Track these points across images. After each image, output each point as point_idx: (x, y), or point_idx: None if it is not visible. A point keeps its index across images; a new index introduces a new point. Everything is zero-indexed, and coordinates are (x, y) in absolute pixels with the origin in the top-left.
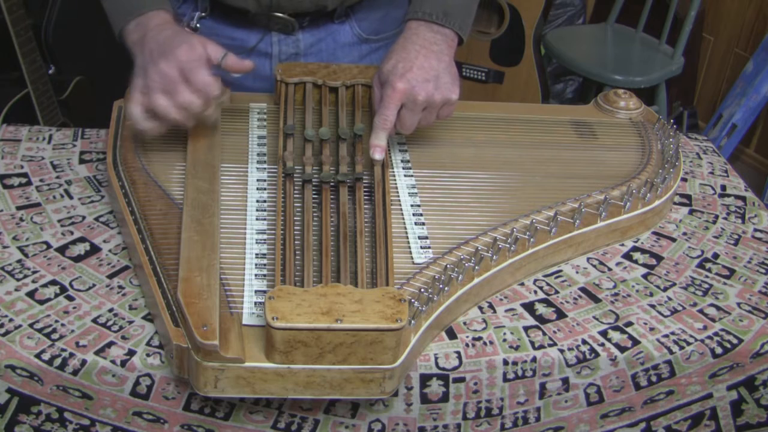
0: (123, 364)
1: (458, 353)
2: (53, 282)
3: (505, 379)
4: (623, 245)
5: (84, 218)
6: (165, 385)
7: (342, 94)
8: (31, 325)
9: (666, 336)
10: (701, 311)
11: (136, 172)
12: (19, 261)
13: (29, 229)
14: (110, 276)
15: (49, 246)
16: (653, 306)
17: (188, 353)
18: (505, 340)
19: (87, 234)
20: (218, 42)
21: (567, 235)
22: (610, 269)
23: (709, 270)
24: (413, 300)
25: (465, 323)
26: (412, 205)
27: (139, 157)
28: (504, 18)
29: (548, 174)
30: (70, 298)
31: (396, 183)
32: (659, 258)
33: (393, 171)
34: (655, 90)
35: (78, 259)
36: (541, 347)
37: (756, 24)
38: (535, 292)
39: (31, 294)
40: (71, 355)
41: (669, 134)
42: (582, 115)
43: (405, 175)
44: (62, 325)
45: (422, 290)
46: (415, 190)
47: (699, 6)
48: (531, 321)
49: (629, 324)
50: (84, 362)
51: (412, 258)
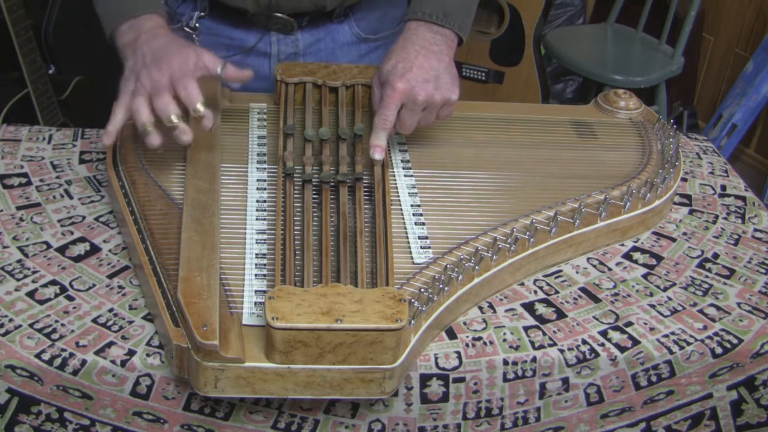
0: (123, 364)
1: (458, 353)
2: (53, 282)
3: (505, 379)
4: (623, 245)
5: (84, 218)
6: (165, 385)
7: (342, 94)
8: (31, 325)
9: (666, 336)
10: (701, 311)
11: (136, 172)
12: (19, 261)
13: (29, 229)
14: (110, 276)
15: (49, 246)
16: (653, 306)
17: (188, 353)
18: (505, 340)
19: (87, 234)
20: (217, 42)
21: (567, 235)
22: (610, 269)
23: (709, 270)
24: (413, 300)
25: (465, 323)
26: (412, 205)
27: (139, 157)
28: (504, 18)
29: (548, 174)
30: (70, 298)
31: (396, 183)
32: (659, 258)
33: (393, 171)
34: (655, 90)
35: (78, 259)
36: (541, 347)
37: (756, 24)
38: (535, 292)
39: (31, 294)
40: (71, 355)
41: (669, 134)
42: (582, 115)
43: (405, 175)
44: (62, 325)
45: (422, 290)
46: (415, 190)
47: (699, 6)
48: (531, 321)
49: (629, 324)
50: (84, 362)
51: (412, 258)
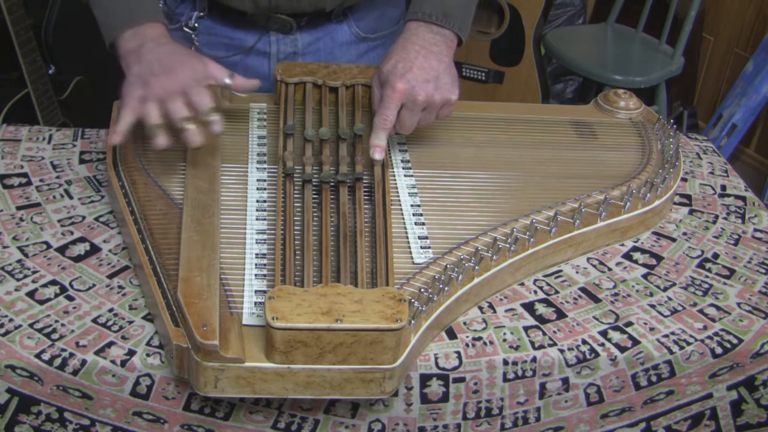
0: (123, 364)
1: (458, 353)
2: (53, 282)
3: (505, 379)
4: (623, 245)
5: (84, 218)
6: (165, 385)
7: (342, 94)
8: (31, 325)
9: (666, 336)
10: (701, 311)
11: (136, 172)
12: (19, 261)
13: (29, 229)
14: (110, 276)
15: (49, 246)
16: (653, 306)
17: (188, 353)
18: (505, 340)
19: (87, 234)
20: (216, 41)
21: (567, 235)
22: (610, 269)
23: (709, 270)
24: (413, 300)
25: (465, 323)
26: (412, 205)
27: (139, 157)
28: (504, 18)
29: (548, 174)
30: (70, 298)
31: (396, 183)
32: (659, 258)
33: (393, 171)
34: (655, 90)
35: (78, 259)
36: (541, 347)
37: (756, 24)
38: (535, 292)
39: (31, 294)
40: (71, 355)
41: (669, 134)
42: (582, 115)
43: (405, 175)
44: (62, 325)
45: (422, 290)
46: (415, 190)
47: (699, 6)
48: (531, 321)
49: (629, 324)
50: (84, 362)
51: (412, 258)
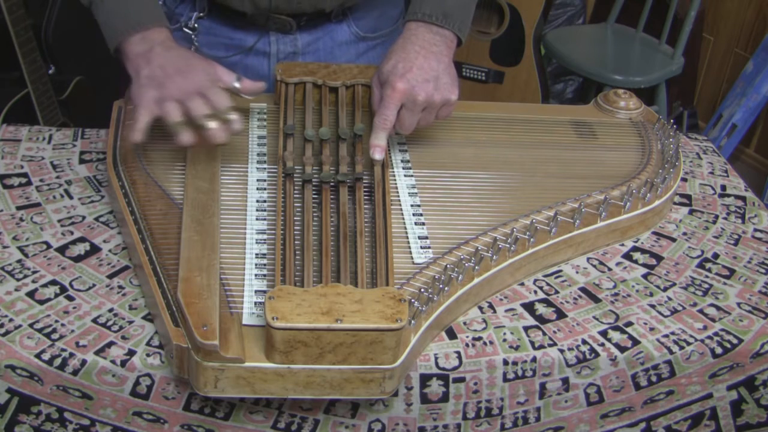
0: (123, 364)
1: (458, 353)
2: (53, 282)
3: (505, 379)
4: (623, 245)
5: (84, 218)
6: (165, 385)
7: (342, 94)
8: (31, 325)
9: (666, 336)
10: (701, 311)
11: (136, 172)
12: (19, 261)
13: (29, 229)
14: (110, 276)
15: (49, 246)
16: (653, 306)
17: (188, 353)
18: (505, 340)
19: (87, 234)
20: (216, 41)
21: (567, 235)
22: (610, 269)
23: (709, 270)
24: (413, 300)
25: (465, 323)
26: (412, 205)
27: (139, 157)
28: (504, 18)
29: (548, 174)
30: (70, 298)
31: (396, 183)
32: (659, 258)
33: (393, 171)
34: (655, 90)
35: (78, 259)
36: (541, 347)
37: (756, 24)
38: (535, 292)
39: (31, 294)
40: (71, 355)
41: (669, 134)
42: (582, 115)
43: (405, 175)
44: (62, 325)
45: (422, 290)
46: (415, 190)
47: (699, 6)
48: (531, 321)
49: (629, 324)
50: (84, 362)
51: (412, 258)
